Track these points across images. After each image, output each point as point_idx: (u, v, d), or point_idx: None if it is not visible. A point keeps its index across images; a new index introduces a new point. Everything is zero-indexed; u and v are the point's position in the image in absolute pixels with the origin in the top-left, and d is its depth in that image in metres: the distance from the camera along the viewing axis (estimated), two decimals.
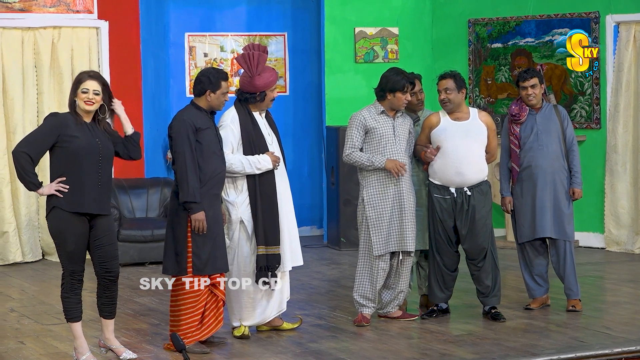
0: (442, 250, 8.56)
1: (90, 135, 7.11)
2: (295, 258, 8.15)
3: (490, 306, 8.60)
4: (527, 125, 8.76)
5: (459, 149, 8.34)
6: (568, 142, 8.74)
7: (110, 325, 7.43)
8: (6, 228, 11.57)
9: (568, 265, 8.76)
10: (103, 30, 11.94)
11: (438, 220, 8.50)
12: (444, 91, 8.42)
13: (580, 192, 8.76)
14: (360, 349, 7.73)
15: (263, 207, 7.86)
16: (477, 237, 8.46)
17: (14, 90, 11.58)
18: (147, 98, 12.31)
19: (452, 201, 8.43)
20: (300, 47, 13.35)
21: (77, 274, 7.21)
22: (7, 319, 8.95)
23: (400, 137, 8.35)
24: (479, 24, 12.83)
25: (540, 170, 8.70)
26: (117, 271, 7.30)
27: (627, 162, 11.75)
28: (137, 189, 11.97)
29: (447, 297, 8.70)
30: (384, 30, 13.00)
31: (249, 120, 7.91)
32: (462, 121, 8.43)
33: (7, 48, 11.57)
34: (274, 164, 7.86)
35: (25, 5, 11.66)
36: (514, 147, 8.79)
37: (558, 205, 8.70)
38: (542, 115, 8.75)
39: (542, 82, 8.81)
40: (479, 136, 8.42)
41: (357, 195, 8.63)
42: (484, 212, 8.46)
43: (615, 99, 11.74)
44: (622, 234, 11.82)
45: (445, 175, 8.41)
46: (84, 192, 7.08)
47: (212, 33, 13.03)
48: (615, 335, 8.01)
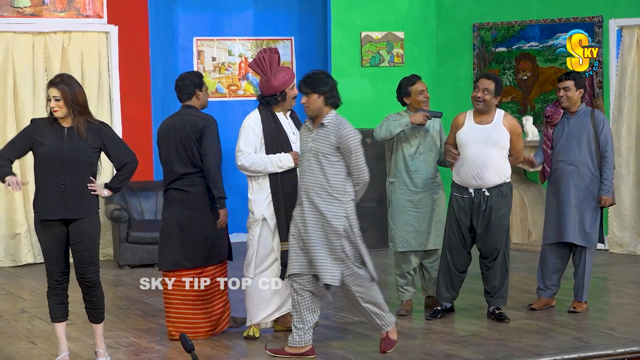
0: (453, 250, 8.57)
1: (61, 141, 7.02)
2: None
3: (495, 307, 8.62)
4: (560, 129, 8.76)
5: (478, 153, 8.33)
6: (602, 148, 8.65)
7: (97, 329, 7.36)
8: (18, 230, 11.60)
9: (580, 269, 8.78)
10: (113, 34, 11.97)
11: (454, 219, 8.52)
12: (481, 90, 8.37)
13: (607, 199, 8.68)
14: (367, 350, 7.74)
15: (286, 204, 7.89)
16: (491, 237, 8.45)
17: (24, 94, 11.62)
18: (156, 101, 12.33)
19: (470, 201, 8.43)
20: (307, 51, 13.36)
21: (53, 274, 7.16)
22: (19, 319, 8.98)
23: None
24: (484, 28, 12.84)
25: (566, 174, 8.70)
26: (92, 277, 7.16)
27: (630, 164, 11.75)
28: (146, 191, 11.99)
29: (453, 298, 8.71)
30: (389, 35, 13.01)
31: (271, 120, 7.97)
32: (484, 125, 8.40)
33: (18, 52, 11.61)
34: (295, 162, 7.89)
35: (36, 10, 11.70)
36: (546, 147, 8.81)
37: (582, 211, 8.67)
38: (576, 119, 8.71)
39: (581, 87, 8.73)
40: (499, 141, 8.36)
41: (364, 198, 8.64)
42: (501, 214, 8.44)
43: (618, 103, 11.74)
44: (625, 235, 11.82)
45: (464, 177, 8.43)
46: (46, 198, 7.06)
47: (220, 37, 13.05)
48: (619, 335, 8.01)
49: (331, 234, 7.32)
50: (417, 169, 8.70)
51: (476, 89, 8.42)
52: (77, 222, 7.09)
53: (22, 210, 11.58)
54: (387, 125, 8.58)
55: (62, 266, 7.18)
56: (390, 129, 8.55)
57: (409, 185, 8.72)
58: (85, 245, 7.12)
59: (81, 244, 7.11)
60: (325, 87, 7.38)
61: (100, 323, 7.35)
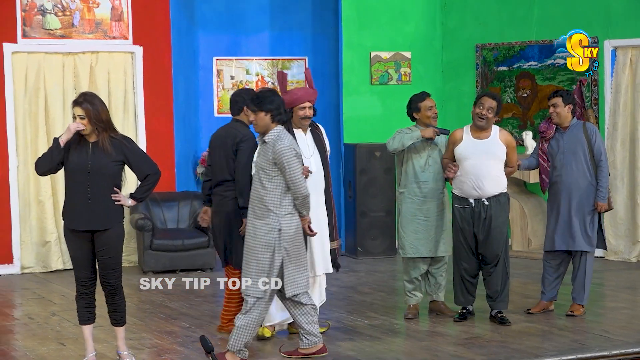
0: (462, 257, 8.62)
1: (85, 155, 7.06)
2: (326, 265, 8.18)
3: (497, 310, 8.62)
4: (555, 143, 8.80)
5: (478, 166, 8.42)
6: (596, 158, 8.70)
7: (119, 332, 7.38)
8: (48, 238, 11.63)
9: (580, 274, 8.78)
10: (137, 54, 12.00)
11: (459, 228, 8.57)
12: (487, 109, 8.46)
13: (603, 205, 8.70)
14: (376, 351, 7.74)
15: None
16: (492, 244, 8.49)
17: (55, 111, 11.65)
18: (178, 117, 12.35)
19: (471, 210, 8.49)
20: (319, 70, 13.37)
21: (80, 280, 7.20)
22: (49, 322, 9.00)
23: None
24: (486, 49, 12.84)
25: (564, 187, 8.74)
26: (114, 282, 7.21)
27: (624, 176, 11.73)
28: (169, 201, 12.01)
29: (471, 301, 8.75)
30: (397, 55, 13.02)
31: None
32: (482, 139, 8.49)
33: (49, 71, 11.65)
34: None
35: (66, 32, 11.75)
36: (542, 161, 8.86)
37: (582, 219, 8.70)
38: (569, 134, 8.75)
39: (569, 103, 8.76)
40: (496, 154, 8.47)
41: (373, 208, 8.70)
42: (500, 222, 8.50)
43: (613, 119, 11.71)
44: (620, 243, 11.78)
45: (464, 188, 8.48)
46: (73, 209, 7.11)
47: (238, 57, 13.07)
48: (614, 338, 8.00)
49: (259, 246, 7.26)
50: (426, 180, 8.71)
51: (480, 106, 8.45)
52: (101, 232, 7.13)
53: (53, 219, 11.61)
54: (399, 138, 8.61)
55: (88, 272, 7.20)
56: (403, 141, 8.58)
57: (418, 195, 8.74)
58: (109, 253, 7.16)
59: (105, 252, 7.15)
60: (271, 105, 7.29)
61: (122, 326, 7.37)
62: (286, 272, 7.31)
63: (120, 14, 11.94)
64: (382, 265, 11.81)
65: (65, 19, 11.74)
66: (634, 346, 7.68)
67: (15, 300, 10.31)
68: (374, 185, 12.19)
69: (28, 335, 8.52)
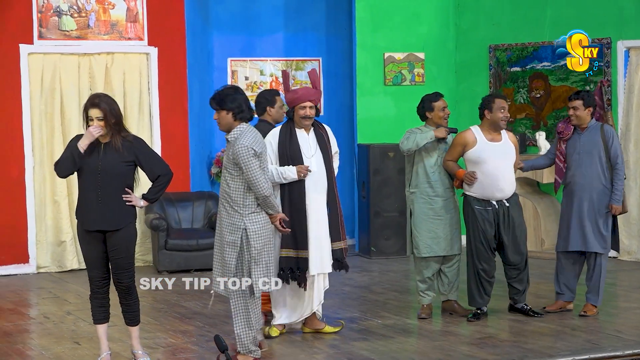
0: (482, 258, 8.64)
1: (97, 155, 7.04)
2: (323, 266, 8.08)
3: (524, 303, 8.78)
4: (572, 144, 8.81)
5: (499, 168, 8.51)
6: (612, 160, 8.69)
7: (133, 332, 7.37)
8: (64, 238, 11.66)
9: (595, 275, 8.77)
10: (153, 55, 12.02)
11: (480, 229, 8.58)
12: (506, 109, 8.57)
13: (617, 208, 8.69)
14: (389, 350, 7.73)
15: (292, 213, 7.89)
16: (519, 244, 8.64)
17: (71, 111, 11.68)
18: (193, 118, 12.36)
19: (494, 212, 8.56)
20: (333, 71, 13.37)
21: (94, 279, 7.19)
22: (65, 321, 9.02)
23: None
24: (499, 49, 12.81)
25: (579, 187, 8.74)
26: (127, 282, 7.19)
27: (637, 177, 11.69)
28: (184, 201, 12.02)
29: (487, 302, 8.77)
30: (411, 55, 13.00)
31: (288, 135, 7.98)
32: (497, 142, 8.57)
33: (65, 72, 11.68)
34: (299, 174, 7.89)
35: (82, 33, 11.77)
36: (559, 162, 8.89)
37: (595, 221, 8.69)
38: (587, 135, 8.74)
39: (590, 105, 8.73)
40: (511, 155, 8.62)
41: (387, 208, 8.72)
42: (520, 221, 8.68)
43: (626, 119, 11.67)
44: (633, 244, 11.74)
45: (487, 191, 8.53)
46: (86, 209, 7.11)
47: (252, 58, 13.08)
48: (627, 338, 7.97)
49: (226, 245, 7.23)
50: (437, 179, 8.71)
51: (502, 109, 8.52)
52: (113, 232, 7.12)
53: (68, 219, 11.63)
54: (413, 138, 8.59)
55: (102, 272, 7.20)
56: (417, 141, 8.56)
57: (430, 194, 8.72)
58: (120, 253, 7.15)
59: (117, 252, 7.15)
60: (232, 104, 7.11)
61: (136, 326, 7.37)
62: (253, 273, 7.22)
63: (136, 15, 11.96)
64: (395, 265, 11.80)
65: (81, 20, 11.76)
66: None
67: (31, 300, 10.34)
68: (388, 186, 12.17)
69: (43, 334, 8.54)
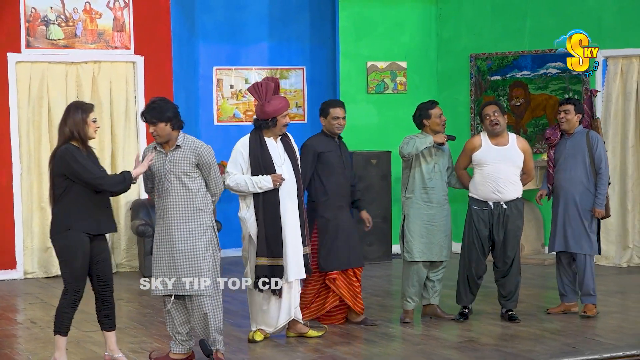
0: (473, 258, 8.72)
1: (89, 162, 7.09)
2: (299, 271, 8.10)
3: (508, 309, 8.78)
4: (559, 149, 8.93)
5: (499, 171, 8.58)
6: (596, 165, 8.80)
7: (112, 337, 7.37)
8: (49, 244, 11.60)
9: (586, 275, 8.86)
10: (139, 64, 12.02)
11: (475, 229, 8.67)
12: (492, 114, 8.59)
13: (600, 211, 8.81)
14: (371, 354, 7.74)
15: (266, 222, 7.90)
16: (507, 246, 8.67)
17: (58, 120, 11.37)
18: None
19: (489, 213, 8.64)
20: (317, 79, 13.39)
21: (79, 291, 7.16)
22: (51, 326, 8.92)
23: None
24: (480, 59, 12.86)
25: (563, 191, 8.88)
26: (111, 286, 7.25)
27: (615, 184, 11.73)
28: None
29: (471, 301, 8.87)
30: (393, 64, 13.04)
31: (258, 144, 7.97)
32: (501, 146, 8.63)
33: (53, 81, 11.66)
34: (274, 183, 7.90)
35: (69, 42, 11.76)
36: (549, 168, 8.99)
37: (579, 223, 8.81)
38: (573, 140, 8.86)
39: (579, 112, 8.85)
40: (516, 160, 8.63)
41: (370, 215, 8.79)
42: (516, 226, 8.69)
43: (604, 127, 11.71)
44: (610, 249, 11.79)
45: (484, 192, 8.62)
46: (100, 213, 7.11)
47: (237, 67, 13.09)
48: (605, 342, 8.00)
49: (201, 247, 7.26)
50: (434, 186, 8.74)
51: (487, 116, 8.56)
52: (100, 236, 7.16)
53: None
54: (413, 143, 8.61)
55: (85, 282, 7.20)
56: (417, 146, 8.58)
57: (426, 200, 8.75)
58: (108, 255, 7.25)
59: (106, 254, 7.21)
60: (169, 114, 7.25)
61: (114, 330, 7.38)
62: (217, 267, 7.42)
63: (122, 25, 11.96)
64: (378, 270, 11.81)
65: (68, 30, 11.75)
66: (625, 350, 7.70)
67: (18, 305, 10.31)
68: (370, 192, 12.18)
69: (31, 339, 8.53)
